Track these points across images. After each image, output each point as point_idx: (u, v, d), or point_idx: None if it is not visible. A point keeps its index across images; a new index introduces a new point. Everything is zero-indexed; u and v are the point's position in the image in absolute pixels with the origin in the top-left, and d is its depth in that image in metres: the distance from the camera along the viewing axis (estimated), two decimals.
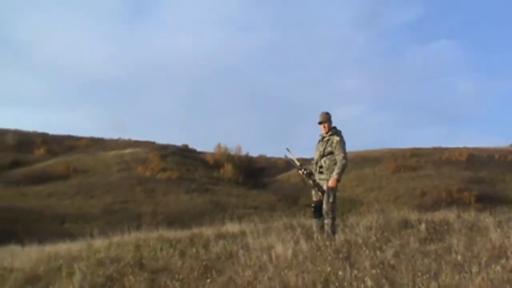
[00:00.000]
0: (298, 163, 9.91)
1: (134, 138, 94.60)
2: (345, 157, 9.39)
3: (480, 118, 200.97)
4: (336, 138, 9.47)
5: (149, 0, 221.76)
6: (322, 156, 9.52)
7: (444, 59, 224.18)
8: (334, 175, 9.33)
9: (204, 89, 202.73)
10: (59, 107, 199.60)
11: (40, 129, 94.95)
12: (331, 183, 9.33)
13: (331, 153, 9.46)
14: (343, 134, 9.66)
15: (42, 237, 17.58)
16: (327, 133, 9.57)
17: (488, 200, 52.14)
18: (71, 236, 18.27)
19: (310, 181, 9.75)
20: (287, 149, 9.99)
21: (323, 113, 9.66)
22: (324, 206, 9.36)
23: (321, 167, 9.50)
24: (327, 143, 9.50)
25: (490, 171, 69.72)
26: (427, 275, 5.78)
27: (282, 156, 10.60)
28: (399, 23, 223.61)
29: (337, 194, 9.55)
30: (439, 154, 78.29)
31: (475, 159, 75.23)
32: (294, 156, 10.00)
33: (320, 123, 9.62)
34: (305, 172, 9.71)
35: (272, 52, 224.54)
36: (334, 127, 9.65)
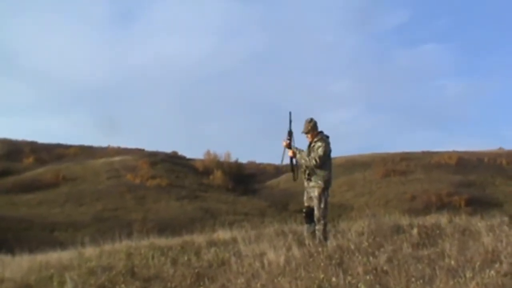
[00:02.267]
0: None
1: (123, 145, 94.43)
2: (315, 160, 9.26)
3: (469, 121, 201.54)
4: (318, 144, 9.39)
5: (139, 6, 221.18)
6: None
7: (433, 62, 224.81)
8: (319, 184, 9.29)
9: (193, 95, 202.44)
10: (48, 115, 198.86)
11: (29, 138, 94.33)
12: (316, 192, 9.31)
13: None
14: (332, 139, 9.58)
15: (32, 246, 17.45)
16: (313, 140, 9.50)
17: (478, 204, 52.36)
18: (62, 244, 18.19)
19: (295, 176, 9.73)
20: (290, 113, 9.73)
21: (306, 121, 9.56)
22: (316, 212, 9.33)
23: (309, 174, 9.45)
24: (312, 149, 9.45)
25: (480, 175, 70.02)
26: (421, 281, 5.76)
27: (272, 162, 10.49)
28: (388, 27, 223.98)
29: (328, 199, 9.52)
30: (429, 158, 78.58)
31: (465, 163, 75.53)
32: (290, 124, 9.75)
33: (304, 133, 9.55)
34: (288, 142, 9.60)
35: (262, 56, 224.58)
36: (321, 133, 9.57)
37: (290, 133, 9.66)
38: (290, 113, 9.70)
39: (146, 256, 10.16)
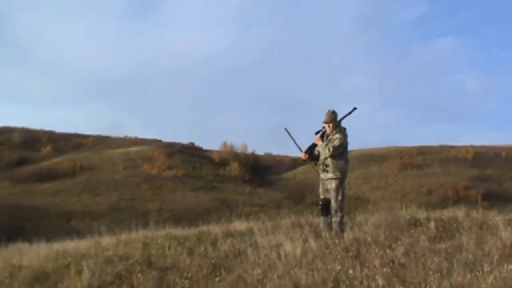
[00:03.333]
0: (298, 145, 9.88)
1: (140, 136, 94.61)
2: (329, 149, 9.31)
3: (486, 115, 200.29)
4: (336, 136, 9.42)
5: None
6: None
7: (450, 57, 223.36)
8: (337, 175, 9.34)
9: (211, 87, 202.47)
10: (66, 105, 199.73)
11: (47, 127, 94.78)
12: (333, 184, 9.34)
13: None
14: (348, 132, 9.62)
15: (49, 235, 17.57)
16: (332, 132, 9.51)
17: (495, 198, 52.03)
18: (78, 233, 18.28)
19: (312, 164, 9.79)
20: (286, 129, 9.87)
21: (329, 112, 9.58)
22: (333, 204, 9.33)
23: (327, 165, 9.45)
24: (330, 141, 9.45)
25: (497, 169, 69.51)
26: (438, 274, 5.73)
27: (288, 154, 10.58)
28: (404, 20, 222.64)
29: (345, 191, 9.53)
30: (446, 152, 78.09)
31: (482, 157, 75.00)
32: (294, 138, 9.89)
33: (325, 122, 9.56)
34: (307, 153, 9.71)
35: (278, 50, 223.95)
36: (339, 125, 9.59)
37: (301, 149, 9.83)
38: (286, 129, 9.81)
39: (163, 246, 10.18)
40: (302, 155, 9.80)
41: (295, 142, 9.83)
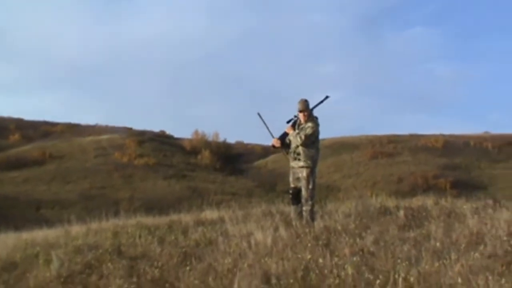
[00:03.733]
0: (271, 132, 9.87)
1: (111, 124, 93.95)
2: (301, 138, 9.33)
3: (456, 105, 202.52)
4: (309, 124, 9.42)
5: None
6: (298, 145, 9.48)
7: (422, 46, 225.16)
8: (309, 164, 9.36)
9: (182, 75, 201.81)
10: (34, 92, 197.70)
11: (15, 115, 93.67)
12: (304, 172, 9.36)
13: None
14: (320, 120, 9.63)
15: (18, 224, 17.46)
16: (305, 121, 9.52)
17: (463, 186, 52.67)
18: (48, 222, 18.13)
19: (283, 153, 9.81)
20: (259, 114, 9.86)
21: (301, 100, 9.56)
22: (304, 192, 9.36)
23: (298, 154, 9.46)
24: (301, 130, 9.46)
25: (466, 158, 70.38)
26: (407, 262, 5.80)
27: (260, 142, 10.58)
28: (378, 9, 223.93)
29: (316, 180, 9.56)
30: (416, 141, 78.77)
31: (451, 146, 75.81)
32: (266, 124, 9.88)
33: (300, 111, 9.55)
34: (279, 141, 9.71)
35: (251, 38, 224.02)
36: (312, 114, 9.59)
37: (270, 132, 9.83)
38: (259, 114, 9.80)
39: (133, 235, 10.15)
40: (273, 141, 9.78)
41: (268, 128, 9.82)
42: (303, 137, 9.32)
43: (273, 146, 9.95)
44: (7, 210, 41.59)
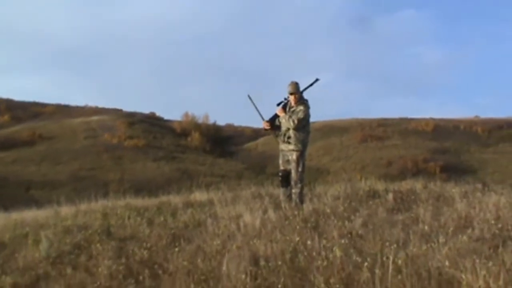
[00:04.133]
0: (261, 114, 9.84)
1: (101, 105, 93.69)
2: (294, 121, 9.30)
3: (446, 88, 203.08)
4: (300, 108, 9.40)
5: None
6: (289, 128, 9.44)
7: (411, 29, 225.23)
8: (299, 147, 9.34)
9: (173, 57, 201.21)
10: (24, 73, 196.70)
11: (4, 95, 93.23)
12: (294, 155, 9.35)
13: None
14: (309, 103, 9.60)
15: (7, 204, 17.41)
16: (296, 103, 9.48)
17: (453, 170, 52.85)
18: (37, 203, 18.10)
19: (273, 135, 9.80)
20: (249, 96, 9.84)
21: (292, 83, 9.53)
22: (293, 175, 9.35)
23: (289, 137, 9.43)
24: (293, 113, 9.42)
25: (456, 142, 70.66)
26: (395, 245, 5.81)
27: (250, 124, 10.56)
28: None
29: (306, 163, 9.55)
30: (406, 125, 78.97)
31: (441, 130, 76.06)
32: (256, 106, 9.86)
33: (290, 93, 9.51)
34: (269, 122, 9.70)
35: (241, 20, 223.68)
36: (302, 97, 9.56)
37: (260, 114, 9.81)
38: (249, 96, 9.78)
39: (122, 216, 10.14)
40: (263, 123, 9.77)
41: (258, 110, 9.79)
42: (296, 121, 9.29)
43: (265, 129, 9.94)
44: None
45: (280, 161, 9.64)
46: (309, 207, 8.93)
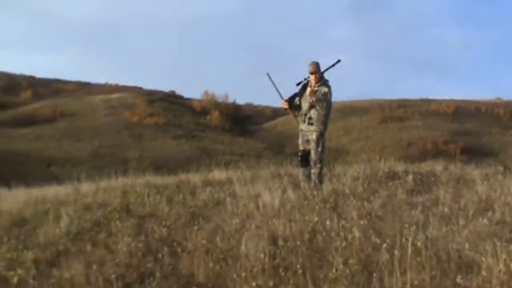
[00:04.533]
0: (280, 92, 9.80)
1: (121, 83, 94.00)
2: (324, 109, 9.25)
3: (468, 70, 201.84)
4: (324, 89, 9.32)
5: None
6: (311, 107, 9.38)
7: (433, 10, 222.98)
8: (320, 128, 9.28)
9: (194, 35, 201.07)
10: (46, 50, 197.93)
11: (27, 72, 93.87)
12: (314, 135, 9.31)
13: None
14: (330, 83, 9.53)
15: (28, 180, 17.52)
16: (316, 83, 9.42)
17: (473, 152, 52.57)
18: (58, 179, 18.24)
19: (291, 113, 9.75)
20: (268, 75, 9.81)
21: (313, 63, 9.47)
22: (313, 155, 9.32)
23: (310, 118, 9.37)
24: (315, 93, 9.36)
25: (477, 124, 70.16)
26: (414, 227, 5.77)
27: (269, 104, 10.51)
28: None
29: (326, 143, 9.50)
30: (426, 106, 78.51)
31: (462, 111, 75.53)
32: (275, 84, 9.82)
33: (311, 73, 9.45)
34: (287, 101, 9.66)
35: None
36: (323, 77, 9.49)
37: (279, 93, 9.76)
38: (268, 74, 9.75)
39: (142, 194, 10.17)
40: (282, 102, 9.73)
41: (277, 89, 9.75)
42: (325, 104, 9.24)
43: (285, 108, 9.90)
44: (18, 166, 41.86)
45: (300, 141, 9.60)
46: (328, 187, 8.91)
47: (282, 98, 9.72)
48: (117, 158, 48.57)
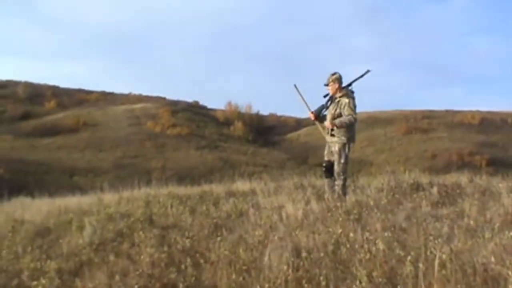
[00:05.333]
0: (307, 104, 9.81)
1: (145, 93, 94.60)
2: (352, 115, 9.23)
3: (494, 81, 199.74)
4: (345, 100, 9.31)
5: None
6: (333, 118, 9.37)
7: (460, 18, 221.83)
8: (342, 140, 9.27)
9: (217, 45, 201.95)
10: (70, 60, 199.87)
11: (51, 82, 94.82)
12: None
13: (341, 115, 9.32)
14: (355, 94, 9.52)
15: (52, 190, 17.65)
16: (334, 94, 9.42)
17: (500, 164, 51.98)
18: (81, 189, 18.36)
19: (319, 125, 9.75)
20: (295, 86, 9.84)
21: (330, 74, 9.50)
22: (336, 167, 9.31)
23: (332, 129, 9.39)
24: (337, 105, 9.37)
25: (503, 135, 69.56)
26: (439, 240, 5.75)
27: (293, 114, 10.53)
28: None
29: (349, 155, 9.48)
30: (452, 117, 78.08)
31: (488, 123, 75.00)
32: (303, 96, 9.84)
33: (326, 85, 9.49)
34: (314, 113, 9.67)
35: (286, 10, 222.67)
36: (346, 88, 9.47)
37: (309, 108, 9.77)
38: (295, 86, 9.77)
39: (165, 205, 10.21)
40: (310, 114, 9.76)
41: (304, 100, 9.78)
42: (351, 112, 9.22)
43: (312, 120, 9.90)
44: (41, 176, 42.27)
45: (326, 152, 9.60)
46: (352, 199, 8.89)
47: (309, 110, 9.74)
48: (139, 169, 48.75)
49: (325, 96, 9.60)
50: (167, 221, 8.90)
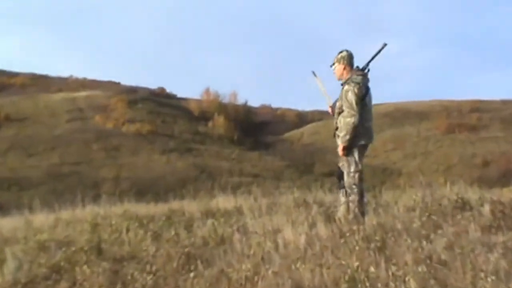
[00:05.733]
0: (328, 97, 9.78)
1: (91, 76, 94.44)
2: (352, 115, 9.07)
3: None
4: (345, 88, 9.18)
5: None
6: (339, 113, 9.29)
7: None
8: (342, 140, 9.17)
9: (187, 16, 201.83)
10: None
11: None
12: (339, 149, 9.23)
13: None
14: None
15: None
16: (339, 79, 9.38)
17: None
18: (2, 208, 18.34)
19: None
20: (313, 73, 9.82)
21: (338, 53, 9.45)
22: (345, 177, 9.23)
23: (336, 128, 9.32)
24: (340, 95, 9.32)
25: None
26: (494, 277, 5.78)
27: (293, 107, 10.53)
28: None
29: (362, 160, 9.39)
30: (510, 110, 78.23)
31: None
32: (323, 86, 9.83)
33: (331, 66, 9.46)
34: (332, 107, 9.62)
35: None
36: (356, 70, 9.30)
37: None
38: (313, 72, 9.77)
39: (118, 229, 10.23)
40: (329, 109, 9.75)
41: (324, 91, 9.78)
42: (353, 112, 9.08)
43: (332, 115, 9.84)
44: None
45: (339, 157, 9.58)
46: (373, 221, 8.91)
47: (329, 104, 9.70)
48: (84, 180, 48.76)
49: (342, 84, 9.54)
50: (121, 250, 8.92)
